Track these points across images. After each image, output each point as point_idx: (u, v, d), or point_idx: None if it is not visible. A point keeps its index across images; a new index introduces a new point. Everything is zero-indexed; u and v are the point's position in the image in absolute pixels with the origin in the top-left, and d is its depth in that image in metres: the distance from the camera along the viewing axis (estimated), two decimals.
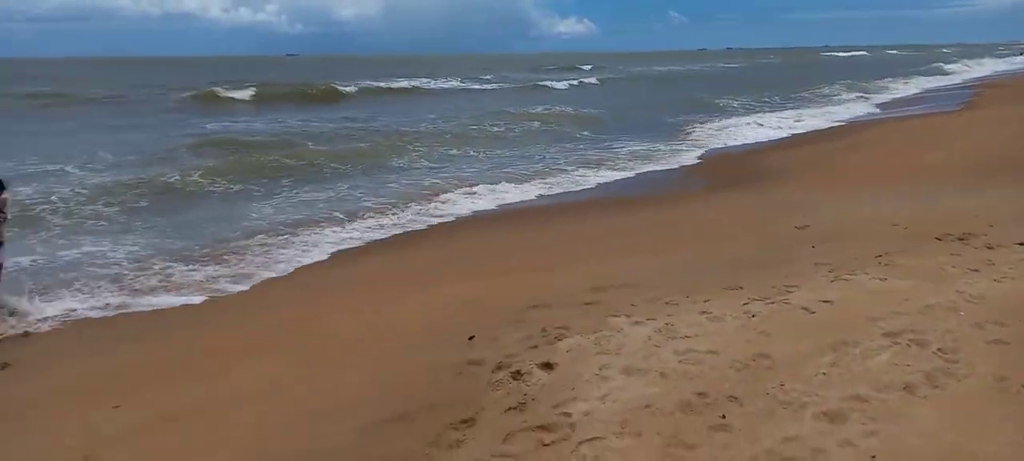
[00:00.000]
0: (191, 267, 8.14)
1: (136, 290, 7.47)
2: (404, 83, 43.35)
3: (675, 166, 15.06)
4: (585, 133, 21.03)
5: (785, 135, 19.51)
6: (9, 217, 7.10)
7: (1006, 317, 4.61)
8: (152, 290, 7.47)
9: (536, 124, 22.78)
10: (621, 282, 6.52)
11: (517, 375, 4.47)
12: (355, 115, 26.77)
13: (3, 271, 6.89)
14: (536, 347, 4.94)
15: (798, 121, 22.53)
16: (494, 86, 44.77)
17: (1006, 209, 8.01)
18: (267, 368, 5.35)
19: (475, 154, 17.08)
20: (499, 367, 4.63)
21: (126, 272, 8.00)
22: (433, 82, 45.77)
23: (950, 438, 3.34)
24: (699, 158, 16.06)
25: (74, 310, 6.86)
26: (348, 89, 37.80)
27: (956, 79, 44.34)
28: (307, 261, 8.48)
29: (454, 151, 17.48)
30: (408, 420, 4.08)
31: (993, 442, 3.29)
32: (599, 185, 13.22)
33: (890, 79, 41.95)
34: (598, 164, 15.18)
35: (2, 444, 4.48)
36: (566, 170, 14.56)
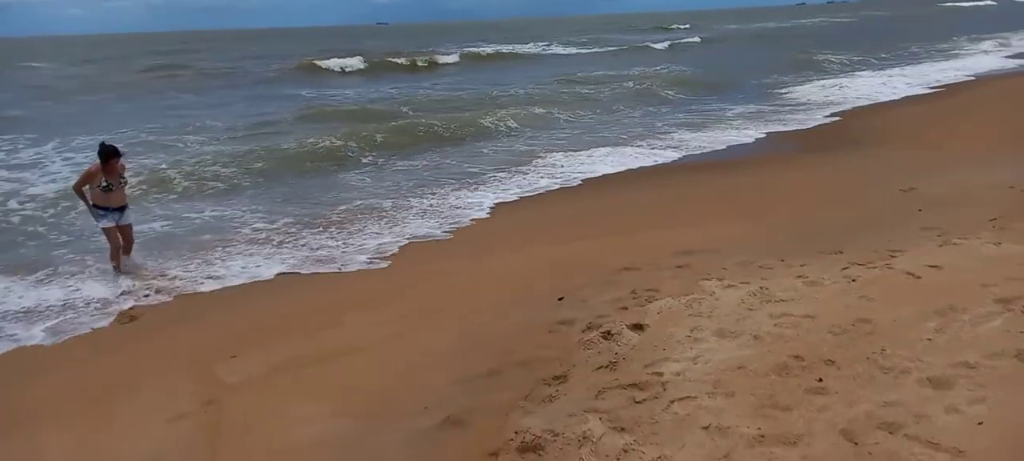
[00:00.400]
0: (319, 232, 8.50)
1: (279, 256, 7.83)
2: (504, 47, 42.73)
3: (785, 128, 14.49)
4: (700, 95, 20.45)
5: (896, 96, 18.36)
6: (128, 181, 7.72)
7: None
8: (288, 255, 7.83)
9: (653, 85, 22.33)
10: (714, 246, 6.46)
11: (608, 335, 4.54)
12: (453, 82, 27.20)
13: (132, 231, 7.53)
14: (626, 309, 4.99)
15: (906, 80, 21.16)
16: (595, 49, 43.99)
17: None
18: (373, 324, 5.66)
19: (601, 116, 17.36)
20: (590, 327, 4.73)
21: (262, 235, 8.47)
22: (533, 46, 45.38)
23: None
24: (803, 120, 15.40)
25: (202, 271, 7.39)
26: (448, 59, 37.55)
27: None
28: (423, 231, 8.59)
29: (582, 113, 17.72)
30: (500, 375, 4.26)
31: None
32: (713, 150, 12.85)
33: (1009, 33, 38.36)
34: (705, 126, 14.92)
35: (132, 389, 4.97)
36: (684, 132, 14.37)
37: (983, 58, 25.67)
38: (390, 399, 4.26)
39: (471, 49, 42.15)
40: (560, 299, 5.47)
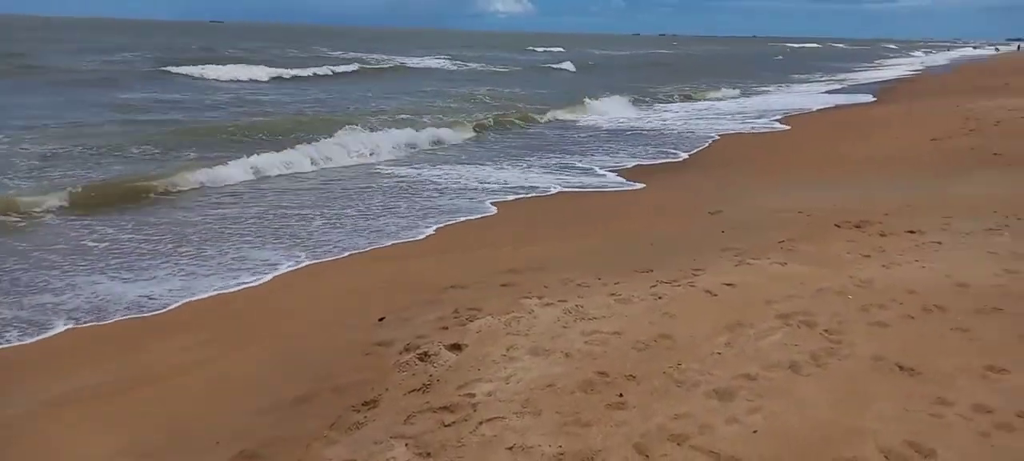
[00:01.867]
0: None
1: None
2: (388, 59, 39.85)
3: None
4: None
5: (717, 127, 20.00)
6: None
7: (889, 301, 4.91)
8: None
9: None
10: (538, 265, 6.61)
11: (425, 356, 4.48)
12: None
13: None
14: (446, 328, 4.96)
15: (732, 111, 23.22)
16: (490, 67, 42.31)
17: (900, 198, 8.50)
18: (179, 349, 5.19)
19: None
20: (407, 348, 4.64)
21: None
22: (411, 60, 43.39)
23: (826, 413, 3.54)
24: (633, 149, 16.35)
25: None
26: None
27: (883, 72, 46.55)
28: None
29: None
30: (309, 401, 4.05)
31: (866, 417, 3.51)
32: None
33: (820, 73, 43.62)
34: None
35: None
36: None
37: (797, 97, 28.75)
38: (183, 433, 3.91)
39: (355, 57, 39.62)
40: (381, 319, 5.34)
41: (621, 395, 3.82)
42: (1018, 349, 4.14)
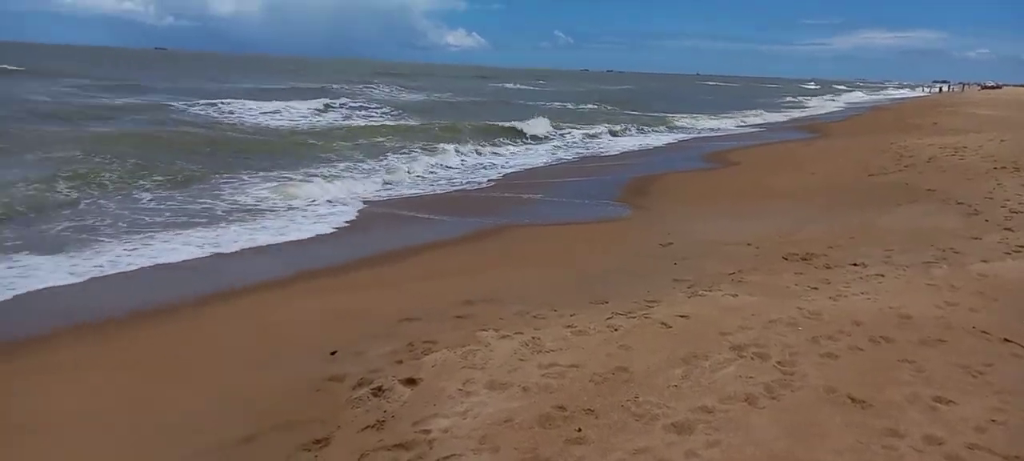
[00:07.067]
0: None
1: None
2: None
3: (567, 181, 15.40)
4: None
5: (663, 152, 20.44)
6: None
7: (837, 333, 5.02)
8: None
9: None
10: (492, 296, 6.55)
11: (379, 391, 4.36)
12: None
13: None
14: (401, 362, 4.85)
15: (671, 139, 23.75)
16: (465, 98, 42.95)
17: (842, 231, 8.77)
18: (105, 385, 4.91)
19: None
20: (360, 383, 4.51)
21: None
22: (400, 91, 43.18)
23: (783, 445, 3.56)
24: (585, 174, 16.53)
25: None
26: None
27: (820, 110, 48.53)
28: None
29: None
30: (256, 441, 3.87)
31: (819, 449, 3.54)
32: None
33: (761, 110, 45.25)
34: None
35: None
36: None
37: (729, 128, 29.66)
38: None
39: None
40: (333, 353, 5.18)
41: (580, 430, 3.77)
42: (963, 380, 4.26)
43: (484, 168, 17.12)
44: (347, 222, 10.62)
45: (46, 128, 18.65)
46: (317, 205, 11.60)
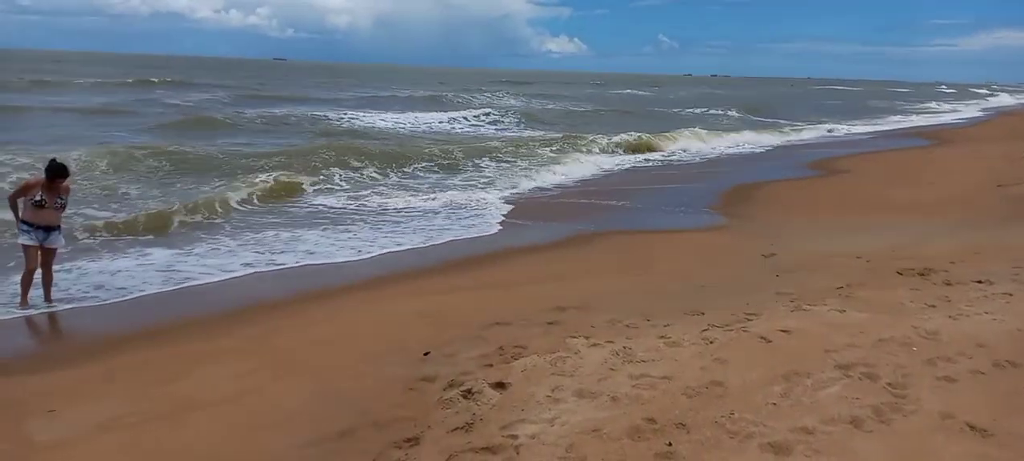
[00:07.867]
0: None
1: None
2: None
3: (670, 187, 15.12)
4: None
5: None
6: (66, 204, 7.16)
7: (957, 355, 4.64)
8: None
9: None
10: (584, 303, 6.50)
11: (468, 394, 4.41)
12: None
13: (55, 256, 7.07)
14: (491, 366, 4.89)
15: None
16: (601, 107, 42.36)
17: (965, 245, 8.12)
18: (223, 378, 5.24)
19: None
20: (451, 385, 4.58)
21: None
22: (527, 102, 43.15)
23: None
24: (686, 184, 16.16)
25: None
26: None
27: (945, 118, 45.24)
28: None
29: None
30: (351, 436, 4.01)
31: None
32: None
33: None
34: None
35: None
36: None
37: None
38: None
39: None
40: (426, 354, 5.29)
41: (670, 444, 3.67)
42: None
43: None
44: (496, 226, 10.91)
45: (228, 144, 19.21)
46: (459, 208, 12.24)
